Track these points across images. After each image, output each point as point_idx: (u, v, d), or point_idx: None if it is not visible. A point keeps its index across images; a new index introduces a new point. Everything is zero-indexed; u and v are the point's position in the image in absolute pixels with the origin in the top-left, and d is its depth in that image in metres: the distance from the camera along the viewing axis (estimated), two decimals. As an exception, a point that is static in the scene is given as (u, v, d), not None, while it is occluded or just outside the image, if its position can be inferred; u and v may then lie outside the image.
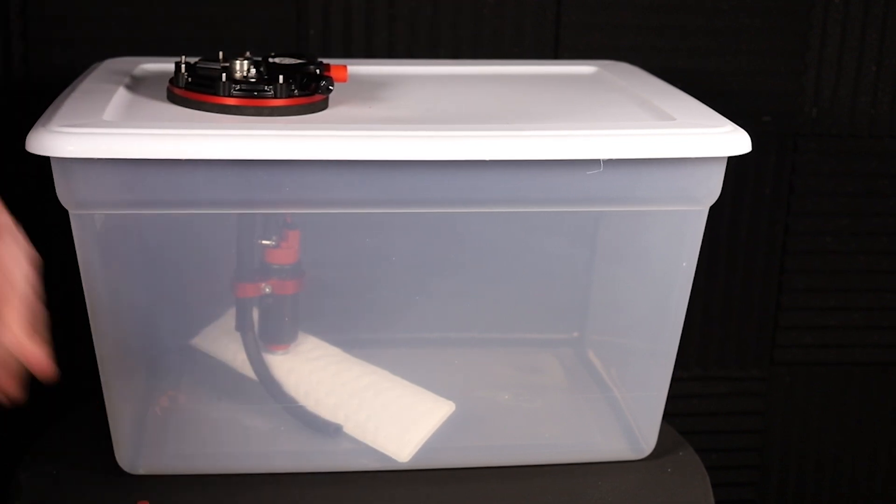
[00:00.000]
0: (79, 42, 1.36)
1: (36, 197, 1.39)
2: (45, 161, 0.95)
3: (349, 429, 1.12)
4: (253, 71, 1.05)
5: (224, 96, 1.02)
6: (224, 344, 1.14)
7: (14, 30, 1.36)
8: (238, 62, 1.04)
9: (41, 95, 1.14)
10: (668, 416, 1.15)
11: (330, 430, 1.12)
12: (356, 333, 1.18)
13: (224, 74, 1.03)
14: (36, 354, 0.89)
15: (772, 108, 1.49)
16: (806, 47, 1.47)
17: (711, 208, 1.05)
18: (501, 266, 1.18)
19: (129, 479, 1.07)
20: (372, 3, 1.40)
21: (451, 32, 1.42)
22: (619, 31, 1.44)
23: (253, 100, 1.02)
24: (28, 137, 0.94)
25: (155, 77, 1.16)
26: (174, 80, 1.06)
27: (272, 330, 1.13)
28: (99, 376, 1.06)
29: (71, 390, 1.46)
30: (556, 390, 1.25)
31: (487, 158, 0.97)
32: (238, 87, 1.02)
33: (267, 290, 1.11)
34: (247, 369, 1.13)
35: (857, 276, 1.56)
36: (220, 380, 1.14)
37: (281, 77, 1.03)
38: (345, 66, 1.08)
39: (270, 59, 1.08)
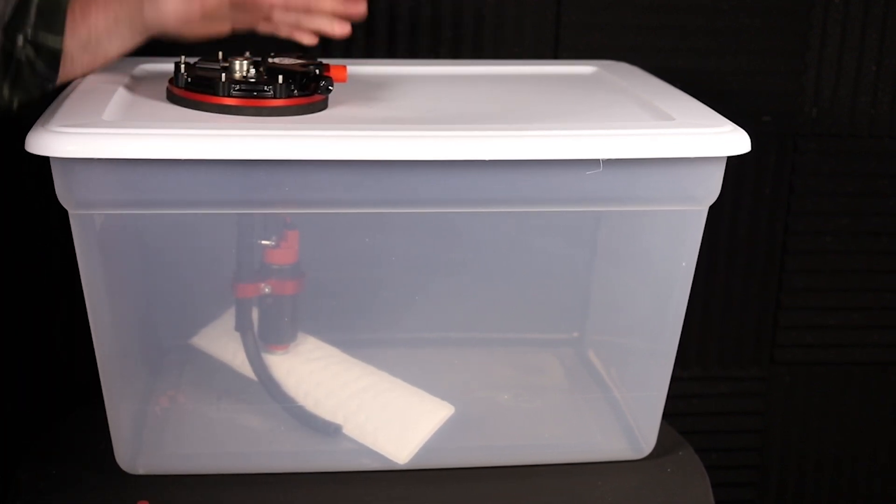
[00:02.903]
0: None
1: (36, 197, 1.39)
2: (44, 161, 0.95)
3: (348, 430, 1.12)
4: (252, 71, 1.05)
5: (224, 96, 1.02)
6: (224, 344, 1.14)
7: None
8: (238, 62, 1.04)
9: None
10: (668, 416, 1.15)
11: (330, 430, 1.12)
12: (356, 334, 1.18)
13: (224, 75, 1.03)
14: None
15: (772, 108, 1.49)
16: (806, 47, 1.47)
17: (711, 208, 1.06)
18: (501, 266, 1.18)
19: (128, 479, 1.08)
20: (372, 3, 1.40)
21: (451, 32, 1.42)
22: (619, 31, 1.44)
23: (252, 100, 1.02)
24: (28, 137, 0.94)
25: (155, 77, 1.16)
26: (174, 80, 1.06)
27: (272, 330, 1.13)
28: (99, 376, 1.06)
29: (71, 390, 1.47)
30: (556, 390, 1.25)
31: (487, 158, 0.97)
32: (238, 87, 1.02)
33: (266, 290, 1.11)
34: (246, 369, 1.13)
35: (857, 276, 1.56)
36: (219, 380, 1.14)
37: (280, 77, 1.03)
38: (344, 67, 1.08)
39: (270, 60, 1.08)
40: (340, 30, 1.08)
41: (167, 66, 1.14)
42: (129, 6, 1.06)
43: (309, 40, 1.15)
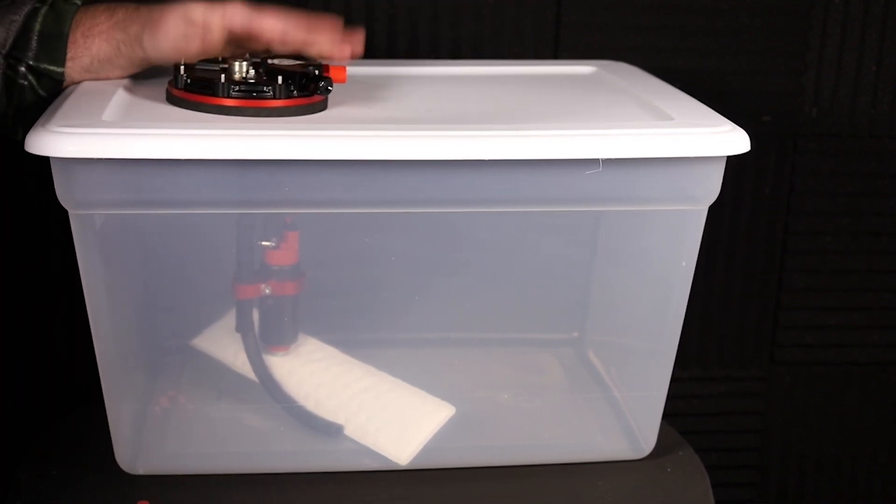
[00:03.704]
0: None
1: (36, 197, 1.40)
2: (44, 161, 0.95)
3: (349, 431, 1.12)
4: (252, 72, 1.05)
5: (223, 97, 1.02)
6: (224, 345, 1.14)
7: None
8: (237, 63, 1.04)
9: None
10: (668, 416, 1.15)
11: (331, 431, 1.12)
12: (356, 334, 1.18)
13: (223, 75, 1.03)
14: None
15: (772, 108, 1.49)
16: (806, 47, 1.47)
17: (711, 208, 1.06)
18: (501, 266, 1.19)
19: (128, 479, 1.08)
20: (372, 3, 1.41)
21: (451, 32, 1.42)
22: (619, 31, 1.44)
23: (252, 101, 1.02)
24: (28, 137, 0.94)
25: (154, 78, 1.16)
26: (173, 81, 1.06)
27: (272, 331, 1.13)
28: (99, 376, 1.06)
29: (71, 390, 1.47)
30: (556, 390, 1.25)
31: (487, 158, 0.97)
32: (237, 88, 1.02)
33: (267, 291, 1.11)
34: (247, 370, 1.13)
35: (857, 276, 1.56)
36: (220, 380, 1.14)
37: (280, 78, 1.03)
38: (344, 67, 1.08)
39: (269, 61, 1.08)
40: (340, 53, 1.07)
41: (166, 68, 1.14)
42: (130, 36, 1.07)
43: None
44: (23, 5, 1.08)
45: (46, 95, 1.08)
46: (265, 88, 1.02)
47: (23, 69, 1.07)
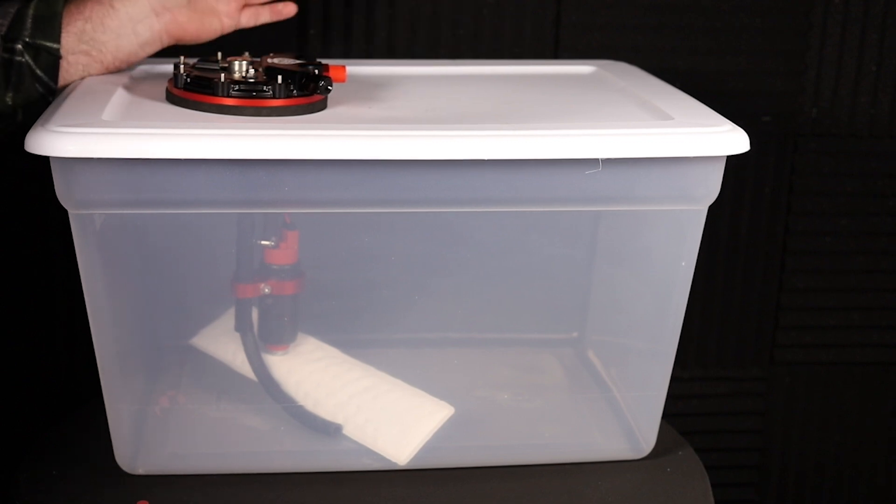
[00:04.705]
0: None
1: (36, 197, 1.40)
2: (44, 161, 0.95)
3: (348, 431, 1.12)
4: (252, 71, 1.05)
5: (223, 97, 1.02)
6: (223, 344, 1.14)
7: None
8: (237, 63, 1.04)
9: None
10: (668, 416, 1.16)
11: (330, 430, 1.12)
12: (355, 334, 1.18)
13: (223, 75, 1.03)
14: None
15: (772, 108, 1.49)
16: (806, 47, 1.47)
17: (711, 208, 1.06)
18: (501, 266, 1.19)
19: (128, 479, 1.08)
20: (372, 3, 1.41)
21: (451, 32, 1.42)
22: (619, 31, 1.45)
23: (252, 100, 1.02)
24: (28, 137, 0.94)
25: (154, 78, 1.16)
26: (173, 80, 1.06)
27: (271, 330, 1.13)
28: (99, 376, 1.06)
29: (71, 390, 1.47)
30: (556, 390, 1.25)
31: (487, 158, 0.97)
32: (237, 87, 1.02)
33: (266, 290, 1.11)
34: (246, 370, 1.13)
35: (856, 276, 1.56)
36: (219, 380, 1.14)
37: (280, 77, 1.03)
38: (343, 67, 1.08)
39: (269, 60, 1.08)
40: None
41: (166, 67, 1.14)
42: None
43: (290, 10, 1.23)
44: None
45: (44, 76, 1.08)
46: (265, 88, 1.02)
47: (19, 47, 1.08)
